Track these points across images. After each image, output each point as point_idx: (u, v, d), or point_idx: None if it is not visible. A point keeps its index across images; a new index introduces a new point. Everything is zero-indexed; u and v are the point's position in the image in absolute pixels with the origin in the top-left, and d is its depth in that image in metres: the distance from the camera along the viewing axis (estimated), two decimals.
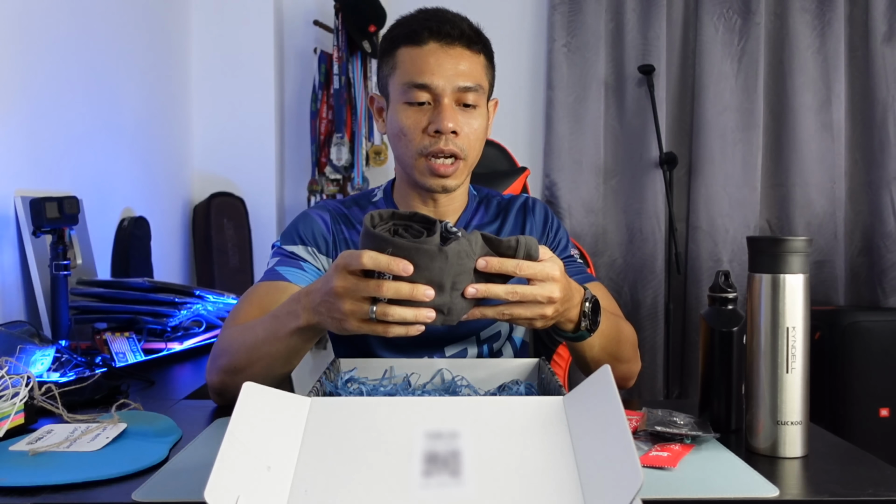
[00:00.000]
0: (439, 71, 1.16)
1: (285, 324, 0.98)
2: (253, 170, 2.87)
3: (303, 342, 1.00)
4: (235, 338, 1.08)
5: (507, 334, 1.30)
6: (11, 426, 0.95)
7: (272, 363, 1.04)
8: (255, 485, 0.63)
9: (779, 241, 0.88)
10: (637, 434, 0.92)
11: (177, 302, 1.67)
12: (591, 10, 2.92)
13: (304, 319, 0.95)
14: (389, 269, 0.82)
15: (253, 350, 1.04)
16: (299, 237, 1.25)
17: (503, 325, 1.29)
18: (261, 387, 0.73)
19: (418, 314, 0.85)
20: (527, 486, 0.65)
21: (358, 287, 0.85)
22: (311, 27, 2.96)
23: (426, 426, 0.71)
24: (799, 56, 2.90)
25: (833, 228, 2.93)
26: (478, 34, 1.22)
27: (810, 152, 2.92)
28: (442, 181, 1.20)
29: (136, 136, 2.39)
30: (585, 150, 2.93)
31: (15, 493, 0.76)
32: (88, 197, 2.00)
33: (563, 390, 0.86)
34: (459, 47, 1.18)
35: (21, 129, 1.76)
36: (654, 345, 2.91)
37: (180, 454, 0.87)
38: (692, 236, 2.95)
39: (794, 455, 0.87)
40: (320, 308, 0.91)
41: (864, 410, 2.52)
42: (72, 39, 2.00)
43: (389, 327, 0.86)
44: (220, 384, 1.09)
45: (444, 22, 1.18)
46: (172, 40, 2.70)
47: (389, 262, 0.82)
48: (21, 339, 1.31)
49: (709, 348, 0.99)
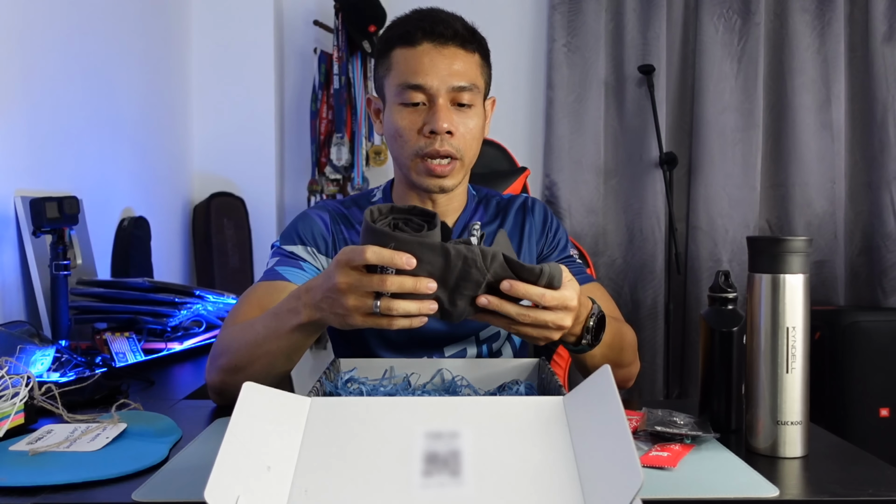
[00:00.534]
0: (433, 71, 1.16)
1: (286, 321, 0.98)
2: (253, 170, 2.87)
3: (303, 339, 1.00)
4: (235, 337, 1.08)
5: (506, 335, 1.30)
6: (11, 426, 0.95)
7: (273, 361, 1.03)
8: (255, 485, 0.63)
9: (779, 241, 0.88)
10: (637, 434, 0.92)
11: (177, 302, 1.67)
12: (591, 10, 2.92)
13: (304, 316, 0.95)
14: (393, 263, 0.83)
15: (253, 348, 1.03)
16: (299, 237, 1.25)
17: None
18: (261, 387, 0.73)
19: (422, 306, 0.85)
20: (527, 486, 0.65)
21: (361, 282, 0.85)
22: (311, 27, 2.96)
23: (426, 426, 0.71)
24: (799, 56, 2.90)
25: (833, 228, 2.93)
26: (472, 33, 1.21)
27: (810, 152, 2.92)
28: (439, 181, 1.20)
29: (136, 136, 2.39)
30: (585, 150, 2.93)
31: (15, 493, 0.76)
32: (88, 197, 2.00)
33: (563, 390, 0.86)
34: (453, 47, 1.18)
35: (21, 129, 1.76)
36: (654, 345, 2.91)
37: (180, 454, 0.87)
38: (692, 236, 2.95)
39: (794, 455, 0.87)
40: (322, 304, 0.91)
41: (864, 410, 2.52)
42: (72, 39, 2.00)
43: (393, 321, 0.86)
44: (220, 383, 1.09)
45: (438, 22, 1.18)
46: (172, 40, 2.70)
47: (393, 256, 0.83)
48: (21, 339, 1.31)
49: (709, 348, 0.99)
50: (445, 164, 1.19)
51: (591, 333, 1.02)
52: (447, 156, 1.18)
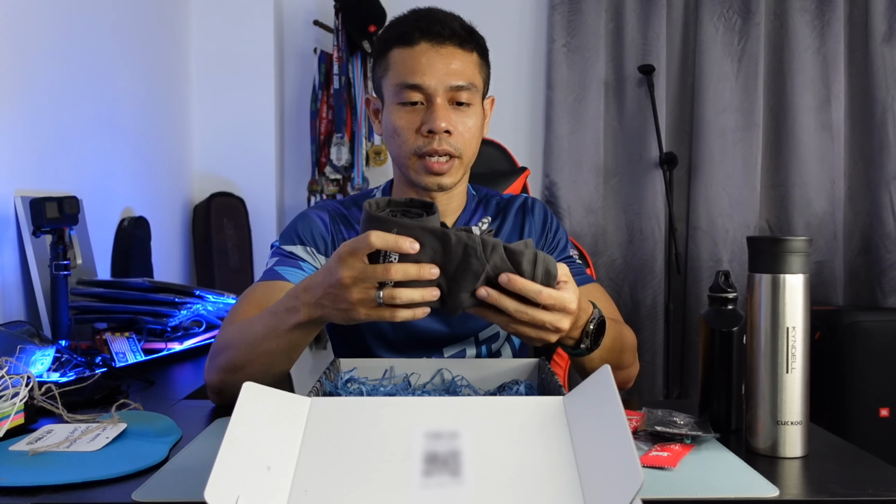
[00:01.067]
0: (431, 71, 1.16)
1: (284, 320, 0.98)
2: (253, 170, 2.87)
3: (302, 337, 1.00)
4: (234, 336, 1.08)
5: (505, 335, 1.30)
6: (11, 426, 0.95)
7: (272, 360, 1.03)
8: (255, 485, 0.63)
9: (779, 241, 0.88)
10: (637, 434, 0.92)
11: (177, 302, 1.67)
12: (591, 10, 2.92)
13: (304, 314, 0.95)
14: (398, 247, 0.82)
15: (252, 347, 1.03)
16: (298, 237, 1.25)
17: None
18: (261, 387, 0.73)
19: (424, 293, 0.85)
20: (527, 486, 0.65)
21: (365, 273, 0.84)
22: (311, 27, 2.96)
23: (426, 426, 0.71)
24: (799, 56, 2.90)
25: (833, 228, 2.93)
26: (470, 32, 1.21)
27: (810, 152, 2.92)
28: (437, 179, 1.20)
29: (137, 137, 2.39)
30: (585, 150, 2.93)
31: (15, 493, 0.76)
32: (88, 197, 2.00)
33: (563, 390, 0.86)
34: (451, 46, 1.18)
35: (21, 129, 1.76)
36: (654, 345, 2.91)
37: (180, 454, 0.87)
38: (692, 236, 2.95)
39: (794, 455, 0.87)
40: (324, 301, 0.90)
41: (864, 410, 2.52)
42: (72, 39, 2.00)
43: (397, 311, 0.86)
44: (220, 383, 1.09)
45: (435, 22, 1.18)
46: (172, 40, 2.70)
47: (398, 240, 0.82)
48: (21, 339, 1.31)
49: (709, 348, 0.99)
50: (444, 162, 1.19)
51: (591, 338, 1.02)
52: (446, 154, 1.19)
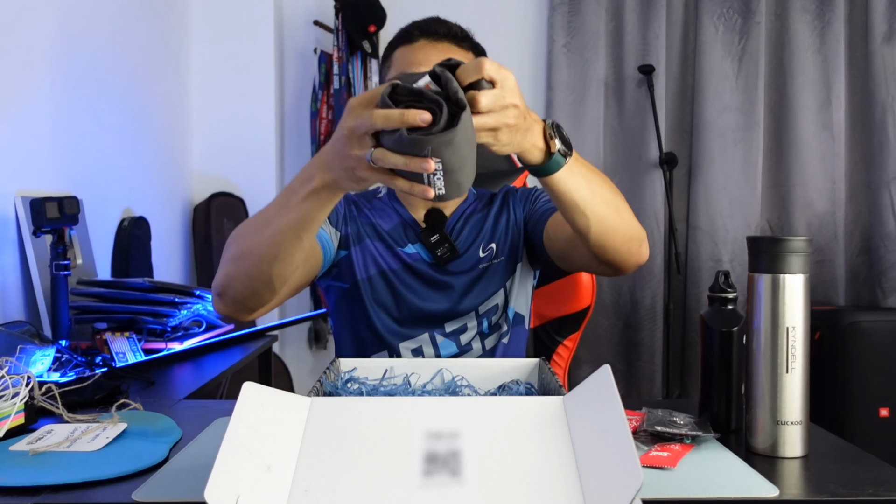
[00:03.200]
0: (427, 62, 1.21)
1: (298, 191, 0.95)
2: (253, 170, 2.87)
3: (314, 210, 0.96)
4: (243, 226, 1.06)
5: (503, 306, 1.33)
6: (11, 426, 0.95)
7: (280, 239, 1.00)
8: (255, 485, 0.63)
9: (779, 241, 0.88)
10: (637, 434, 0.92)
11: (177, 302, 1.67)
12: (590, 10, 2.93)
13: (318, 180, 0.92)
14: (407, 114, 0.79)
15: (262, 227, 1.01)
16: None
17: (500, 298, 1.33)
18: (261, 387, 0.73)
19: (409, 162, 0.80)
20: (527, 485, 0.65)
21: (362, 118, 0.82)
22: (311, 27, 2.96)
23: (426, 426, 0.71)
24: (799, 56, 2.91)
25: (833, 228, 2.93)
26: (467, 35, 1.30)
27: (810, 152, 2.92)
28: None
29: (136, 137, 2.39)
30: (585, 151, 2.93)
31: (15, 493, 0.76)
32: (88, 197, 2.00)
33: (563, 390, 0.86)
34: (447, 43, 1.26)
35: (21, 129, 1.76)
36: (654, 345, 2.91)
37: (180, 454, 0.87)
38: (692, 236, 2.95)
39: (794, 455, 0.87)
40: (333, 163, 0.89)
41: (864, 410, 2.52)
42: (72, 40, 2.00)
43: (395, 179, 0.83)
44: (224, 276, 1.06)
45: (434, 22, 1.28)
46: (172, 40, 2.70)
47: (405, 113, 0.79)
48: (21, 339, 1.31)
49: (709, 348, 0.99)
50: None
51: (557, 133, 0.95)
52: None
